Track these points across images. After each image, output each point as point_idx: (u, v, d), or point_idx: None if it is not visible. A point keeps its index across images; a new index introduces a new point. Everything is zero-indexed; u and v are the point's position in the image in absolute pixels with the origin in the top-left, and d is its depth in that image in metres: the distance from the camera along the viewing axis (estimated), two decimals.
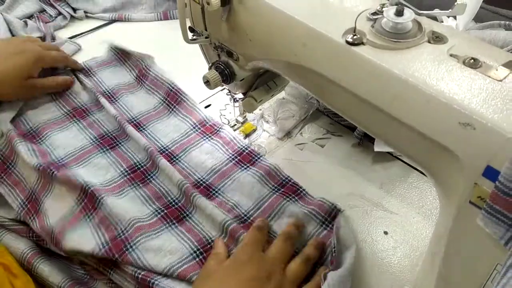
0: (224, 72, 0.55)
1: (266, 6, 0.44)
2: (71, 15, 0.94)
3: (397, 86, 0.35)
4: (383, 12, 0.38)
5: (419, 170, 0.61)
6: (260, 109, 0.70)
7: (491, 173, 0.30)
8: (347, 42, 0.38)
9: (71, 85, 0.72)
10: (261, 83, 0.59)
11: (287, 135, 0.68)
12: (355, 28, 0.38)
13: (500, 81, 0.33)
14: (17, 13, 0.89)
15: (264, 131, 0.69)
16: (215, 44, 0.54)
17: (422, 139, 0.35)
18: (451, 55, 0.36)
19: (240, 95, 0.62)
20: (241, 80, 0.56)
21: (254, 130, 0.68)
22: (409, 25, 0.37)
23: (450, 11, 0.38)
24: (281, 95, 0.70)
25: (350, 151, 0.65)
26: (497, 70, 0.34)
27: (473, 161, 0.31)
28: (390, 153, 0.63)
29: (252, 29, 0.47)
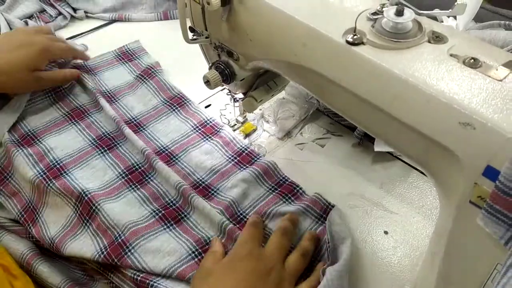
0: (224, 72, 0.55)
1: (266, 6, 0.44)
2: (71, 15, 0.94)
3: (397, 86, 0.35)
4: (383, 12, 0.38)
5: (419, 170, 0.61)
6: (260, 109, 0.70)
7: (491, 172, 0.30)
8: (347, 42, 0.38)
9: (78, 77, 0.72)
10: (261, 83, 0.59)
11: (287, 135, 0.68)
12: (355, 28, 0.38)
13: (500, 81, 0.33)
14: (17, 13, 0.89)
15: (264, 131, 0.69)
16: (215, 44, 0.54)
17: (422, 139, 0.35)
18: (451, 55, 0.36)
19: (240, 95, 0.62)
20: (241, 80, 0.56)
21: (254, 130, 0.68)
22: (409, 25, 0.37)
23: (450, 11, 0.38)
24: (281, 95, 0.70)
25: (350, 151, 0.65)
26: (497, 70, 0.34)
27: (473, 161, 0.31)
28: (390, 153, 0.63)
29: (252, 29, 0.47)
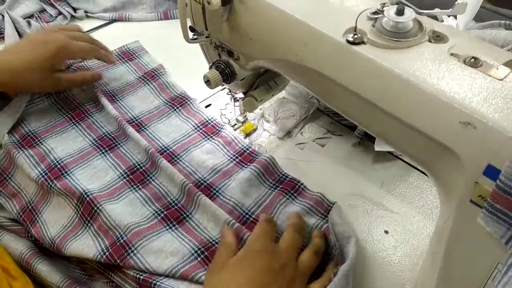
0: (224, 71, 0.55)
1: (267, 5, 0.44)
2: (71, 14, 0.94)
3: (397, 85, 0.35)
4: (383, 11, 0.38)
5: (419, 169, 0.61)
6: (260, 109, 0.70)
7: (492, 172, 0.30)
8: (348, 41, 0.38)
9: (98, 79, 0.71)
10: (262, 83, 0.59)
11: (288, 134, 0.68)
12: (355, 27, 0.38)
13: (500, 80, 0.33)
14: (18, 12, 0.89)
15: (264, 130, 0.69)
16: (215, 43, 0.54)
17: (422, 138, 0.35)
18: (451, 54, 0.36)
19: (240, 95, 0.62)
20: (241, 79, 0.56)
21: (254, 129, 0.68)
22: (410, 24, 0.38)
23: (450, 10, 0.38)
24: (282, 94, 0.70)
25: (350, 150, 0.65)
26: (497, 69, 0.34)
27: (473, 160, 0.31)
28: (390, 153, 0.63)
29: (253, 28, 0.47)
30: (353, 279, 0.47)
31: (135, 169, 0.60)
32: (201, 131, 0.65)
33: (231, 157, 0.61)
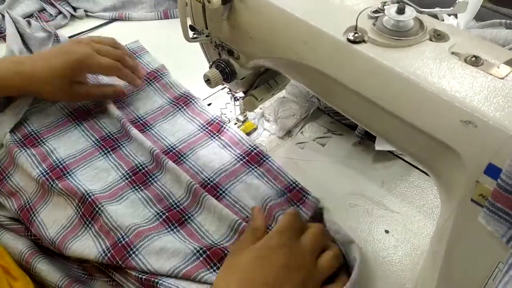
0: (225, 70, 0.55)
1: (267, 4, 0.44)
2: (71, 14, 0.94)
3: (398, 84, 0.35)
4: (384, 10, 0.38)
5: (420, 169, 0.61)
6: (260, 108, 0.70)
7: (493, 170, 0.30)
8: (349, 40, 0.38)
9: (121, 95, 0.68)
10: (262, 82, 0.59)
11: (288, 134, 0.68)
12: (356, 26, 0.38)
13: (502, 78, 0.33)
14: (17, 12, 0.89)
15: (264, 130, 0.69)
16: (215, 42, 0.54)
17: (423, 137, 0.35)
18: (452, 53, 0.36)
19: (240, 94, 0.62)
20: (241, 78, 0.56)
21: (254, 129, 0.68)
22: (411, 23, 0.37)
23: (451, 9, 0.38)
24: (282, 93, 0.70)
25: (351, 150, 0.65)
26: (498, 68, 0.34)
27: (474, 159, 0.31)
28: (391, 152, 0.63)
29: (253, 27, 0.47)
30: None
31: (137, 170, 0.60)
32: (206, 130, 0.65)
33: (238, 157, 0.61)
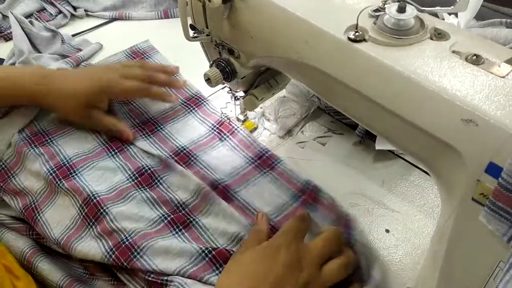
0: (225, 69, 0.55)
1: (267, 3, 0.44)
2: (71, 13, 0.94)
3: (399, 82, 0.35)
4: (385, 8, 0.38)
5: (420, 168, 0.61)
6: (261, 107, 0.70)
7: (493, 169, 0.30)
8: (349, 39, 0.38)
9: (128, 139, 0.63)
10: (262, 81, 0.59)
11: (288, 133, 0.68)
12: (357, 25, 0.38)
13: (502, 77, 0.33)
14: (17, 11, 0.89)
15: (265, 129, 0.68)
16: (216, 41, 0.54)
17: (424, 136, 0.35)
18: (453, 52, 0.36)
19: (241, 93, 0.62)
20: (242, 78, 0.56)
21: (255, 128, 0.68)
22: (411, 22, 0.37)
23: (452, 7, 0.38)
24: (282, 93, 0.70)
25: (351, 149, 0.65)
26: (499, 66, 0.34)
27: (475, 158, 0.31)
28: (391, 151, 0.63)
29: (253, 26, 0.47)
30: None
31: (143, 170, 0.59)
32: (217, 130, 0.65)
33: (250, 160, 0.61)
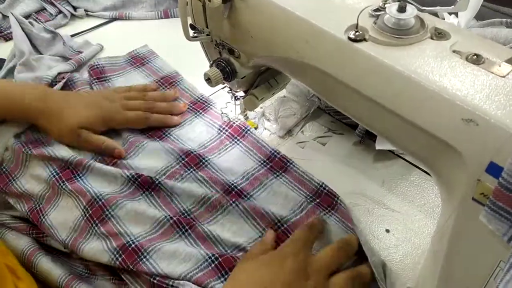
0: (225, 69, 0.55)
1: (268, 2, 0.44)
2: (71, 13, 0.94)
3: (399, 82, 0.35)
4: (385, 8, 0.38)
5: (420, 168, 0.61)
6: (261, 107, 0.70)
7: (494, 169, 0.30)
8: (350, 38, 0.38)
9: (120, 156, 0.62)
10: (263, 81, 0.59)
11: (288, 133, 0.68)
12: (357, 24, 0.38)
13: (503, 77, 0.33)
14: (17, 11, 0.89)
15: (265, 129, 0.68)
16: (216, 41, 0.54)
17: (424, 135, 0.35)
18: (454, 51, 0.36)
19: (241, 93, 0.62)
20: (242, 77, 0.56)
21: (255, 128, 0.68)
22: (412, 21, 0.37)
23: (453, 7, 0.38)
24: (282, 93, 0.70)
25: (351, 149, 0.64)
26: (500, 66, 0.34)
27: (476, 158, 0.31)
28: (391, 151, 0.63)
29: (254, 26, 0.47)
30: None
31: (148, 177, 0.58)
32: (227, 133, 0.65)
33: (262, 163, 0.61)
